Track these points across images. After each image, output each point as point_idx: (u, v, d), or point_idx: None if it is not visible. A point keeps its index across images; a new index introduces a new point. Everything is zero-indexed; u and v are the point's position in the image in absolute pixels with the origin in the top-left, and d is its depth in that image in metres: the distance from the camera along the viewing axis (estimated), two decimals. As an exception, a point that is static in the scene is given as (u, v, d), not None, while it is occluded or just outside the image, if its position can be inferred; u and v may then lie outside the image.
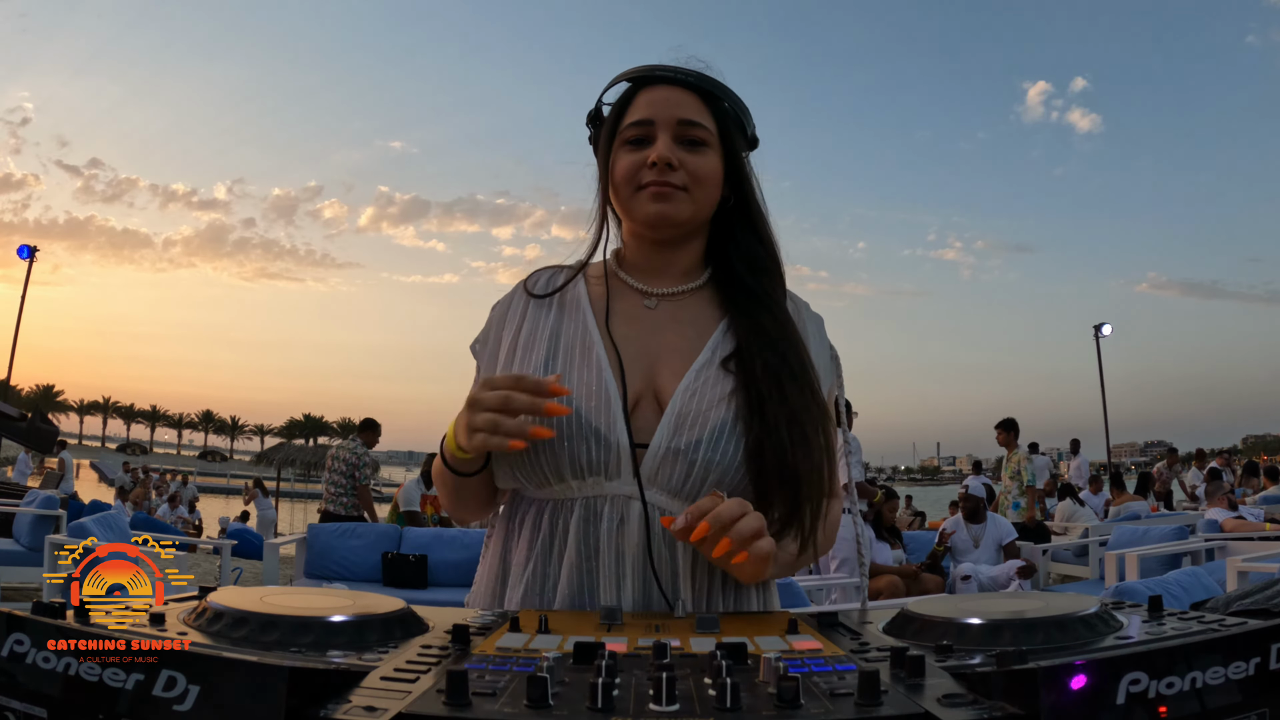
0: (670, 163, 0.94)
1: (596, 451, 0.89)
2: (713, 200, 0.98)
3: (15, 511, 6.04)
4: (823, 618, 0.78)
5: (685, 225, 0.98)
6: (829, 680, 0.54)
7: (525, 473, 0.92)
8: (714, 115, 0.97)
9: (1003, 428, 7.42)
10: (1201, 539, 5.50)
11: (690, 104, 0.96)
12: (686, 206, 0.96)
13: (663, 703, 0.49)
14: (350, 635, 0.67)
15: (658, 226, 0.97)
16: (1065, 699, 0.50)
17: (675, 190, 0.95)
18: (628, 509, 0.89)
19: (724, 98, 0.98)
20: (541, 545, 0.92)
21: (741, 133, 1.00)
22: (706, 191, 0.96)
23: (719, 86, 0.98)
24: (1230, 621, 0.64)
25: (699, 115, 0.96)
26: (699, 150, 0.95)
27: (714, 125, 0.97)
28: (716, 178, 0.97)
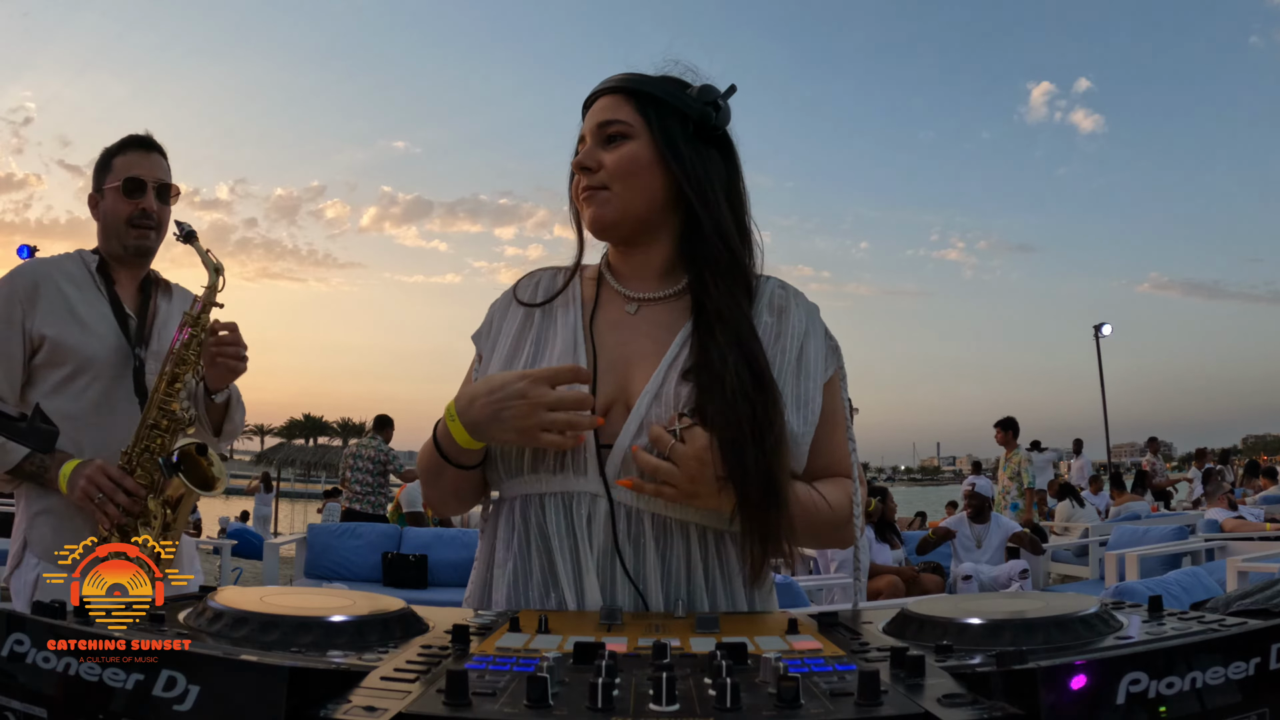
0: (586, 165, 0.97)
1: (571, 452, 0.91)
2: (645, 189, 0.96)
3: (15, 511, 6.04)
4: (823, 618, 0.78)
5: (621, 223, 0.98)
6: (829, 680, 0.54)
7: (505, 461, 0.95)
8: (636, 108, 0.97)
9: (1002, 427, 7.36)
10: (1201, 539, 5.50)
11: (610, 106, 0.98)
12: (612, 203, 0.96)
13: (663, 703, 0.49)
14: (350, 635, 0.67)
15: (595, 230, 0.99)
16: (1065, 699, 0.50)
17: (597, 191, 0.96)
18: (595, 506, 0.91)
19: (644, 87, 0.97)
20: (518, 541, 0.94)
21: (673, 115, 0.96)
22: (630, 183, 0.96)
23: (638, 79, 0.98)
24: (1230, 621, 0.64)
25: (616, 113, 0.97)
26: (616, 144, 0.96)
27: (634, 117, 0.96)
28: (638, 165, 0.95)
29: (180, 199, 1.75)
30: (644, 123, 0.96)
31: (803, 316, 0.99)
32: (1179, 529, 5.72)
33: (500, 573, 0.95)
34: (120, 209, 1.69)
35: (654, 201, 0.97)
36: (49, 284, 1.68)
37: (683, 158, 0.96)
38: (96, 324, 1.67)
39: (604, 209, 0.97)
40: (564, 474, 0.92)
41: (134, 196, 1.69)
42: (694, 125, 0.97)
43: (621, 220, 0.97)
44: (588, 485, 0.91)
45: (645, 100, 0.97)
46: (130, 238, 1.69)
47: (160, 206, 1.72)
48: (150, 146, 1.75)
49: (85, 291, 1.70)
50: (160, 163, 1.75)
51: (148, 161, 1.73)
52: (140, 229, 1.69)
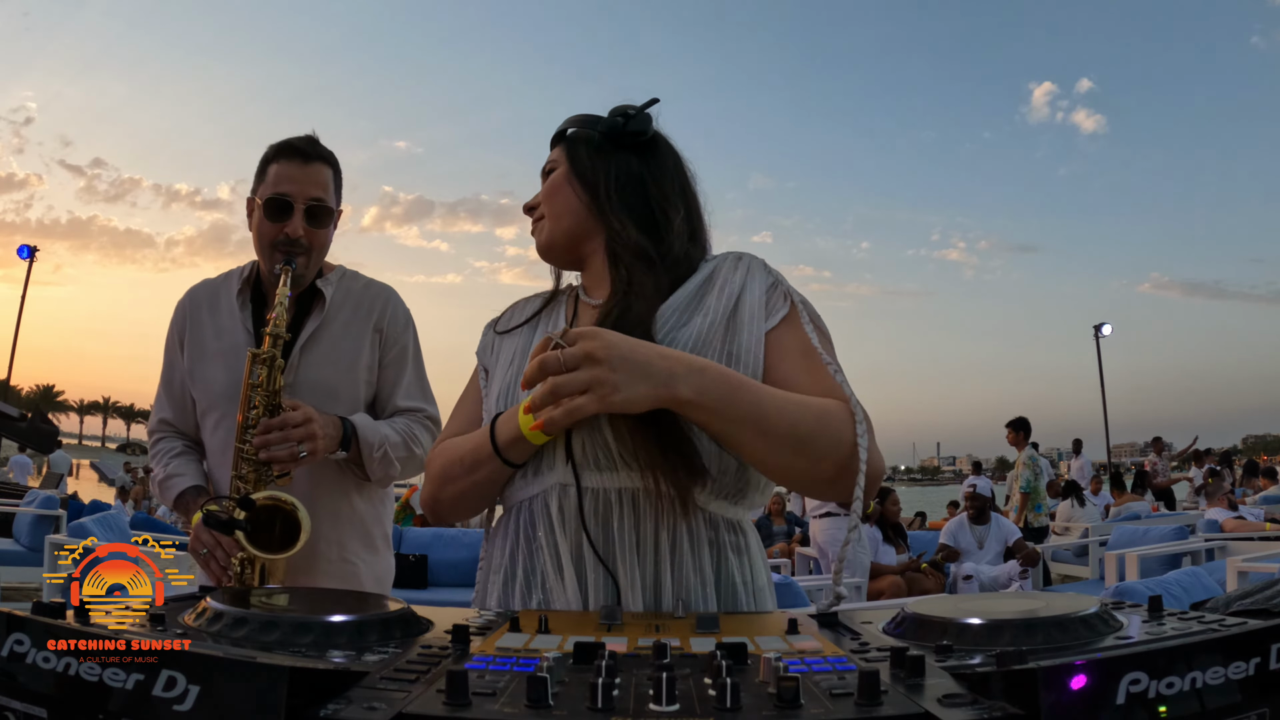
0: (529, 206, 1.11)
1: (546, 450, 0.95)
2: (564, 207, 1.06)
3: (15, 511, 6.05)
4: (823, 618, 0.78)
5: (553, 242, 1.08)
6: (829, 680, 0.54)
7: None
8: (563, 147, 1.09)
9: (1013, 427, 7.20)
10: (1201, 539, 5.50)
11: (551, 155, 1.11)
12: (544, 228, 1.08)
13: (663, 703, 0.49)
14: (350, 635, 0.67)
15: (542, 255, 1.11)
16: (1065, 699, 0.50)
17: (536, 222, 1.10)
18: (565, 495, 0.94)
19: (564, 127, 1.10)
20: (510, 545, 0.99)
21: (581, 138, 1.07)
22: (552, 204, 1.07)
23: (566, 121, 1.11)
24: (1230, 621, 0.64)
25: (551, 157, 1.10)
26: (549, 178, 1.09)
27: (559, 153, 1.09)
28: (556, 187, 1.07)
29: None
30: (566, 153, 1.08)
31: (739, 274, 1.00)
32: (1179, 529, 5.72)
33: (495, 577, 1.00)
34: (264, 230, 1.50)
35: (574, 215, 1.06)
36: (196, 312, 1.61)
37: (584, 167, 1.05)
38: (228, 356, 1.53)
39: (540, 235, 1.09)
40: (540, 475, 0.96)
41: (278, 219, 1.48)
42: (600, 138, 1.06)
43: (553, 240, 1.08)
44: (557, 477, 0.94)
45: (564, 137, 1.10)
46: (275, 262, 1.49)
47: (311, 230, 1.50)
48: (310, 155, 1.52)
49: (226, 317, 1.57)
50: (319, 175, 1.52)
51: (303, 174, 1.50)
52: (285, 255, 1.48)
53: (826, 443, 0.86)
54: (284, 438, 1.39)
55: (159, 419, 1.64)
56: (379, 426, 1.54)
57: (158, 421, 1.64)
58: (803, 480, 0.92)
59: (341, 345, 1.56)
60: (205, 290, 1.64)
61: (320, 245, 1.54)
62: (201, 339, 1.59)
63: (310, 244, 1.51)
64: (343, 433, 1.48)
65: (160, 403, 1.64)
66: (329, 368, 1.55)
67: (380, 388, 1.62)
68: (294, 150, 1.52)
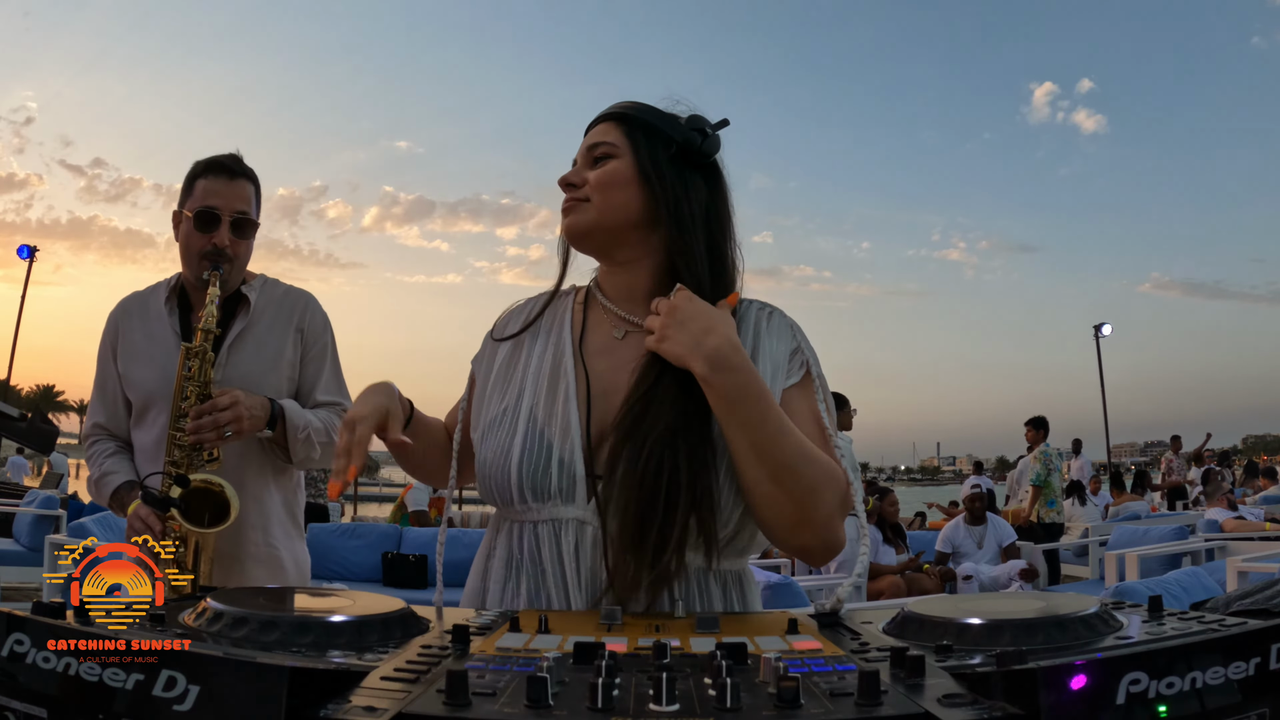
0: (571, 181, 1.02)
1: (558, 477, 0.94)
2: (622, 203, 1.00)
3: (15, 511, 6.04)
4: (823, 618, 0.78)
5: (594, 231, 1.01)
6: (829, 680, 0.54)
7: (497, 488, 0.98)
8: (624, 132, 1.02)
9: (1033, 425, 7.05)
10: (1201, 539, 5.50)
11: (601, 130, 1.04)
12: (588, 213, 1.01)
13: (663, 703, 0.49)
14: (350, 635, 0.67)
15: (570, 238, 1.04)
16: (1065, 699, 0.50)
17: (578, 203, 1.01)
18: (582, 533, 0.93)
19: (633, 113, 1.03)
20: (513, 565, 0.97)
21: (657, 138, 1.01)
22: (608, 195, 1.00)
23: (630, 106, 1.05)
24: (1230, 621, 0.64)
25: (604, 136, 1.03)
26: (602, 163, 1.01)
27: (621, 139, 1.02)
28: (618, 180, 1.00)
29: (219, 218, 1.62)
30: (629, 144, 1.01)
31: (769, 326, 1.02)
32: (1179, 529, 5.72)
33: (495, 588, 0.99)
34: (192, 241, 1.62)
35: (629, 216, 1.00)
36: (127, 320, 1.72)
37: (661, 177, 0.99)
38: (160, 356, 1.65)
39: (580, 216, 1.01)
40: (552, 502, 0.95)
41: (206, 230, 1.60)
42: (678, 149, 1.00)
43: (595, 228, 1.01)
44: (575, 513, 0.94)
45: (633, 124, 1.02)
46: (202, 270, 1.61)
47: (235, 241, 1.63)
48: (235, 172, 1.64)
49: (156, 323, 1.69)
50: (243, 190, 1.64)
51: (229, 190, 1.62)
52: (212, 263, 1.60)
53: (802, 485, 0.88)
54: (213, 421, 1.51)
55: (93, 423, 1.75)
56: (304, 412, 1.67)
57: (92, 425, 1.75)
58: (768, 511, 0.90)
59: (266, 344, 1.69)
60: (135, 300, 1.75)
61: (243, 254, 1.68)
62: (133, 343, 1.71)
63: (235, 253, 1.64)
64: (270, 413, 1.60)
65: (94, 408, 1.76)
66: (254, 364, 1.67)
67: (301, 383, 1.74)
68: (220, 167, 1.64)
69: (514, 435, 0.97)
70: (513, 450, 0.96)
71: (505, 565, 0.98)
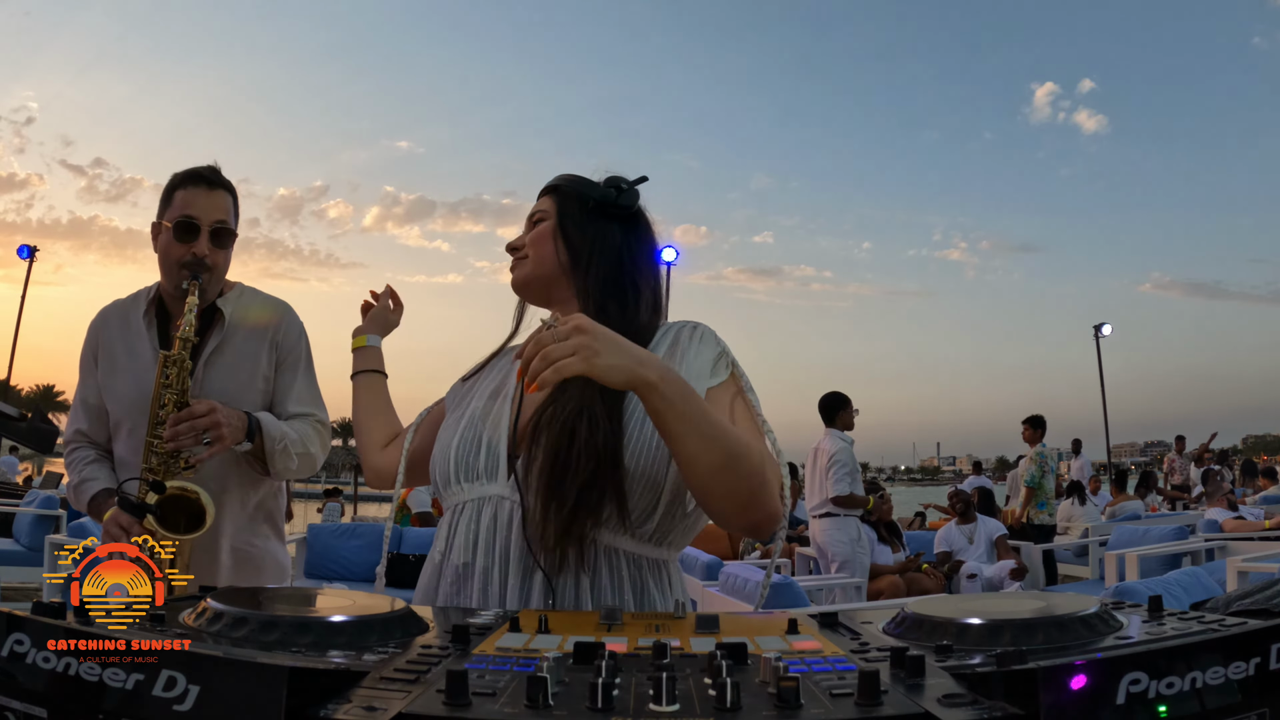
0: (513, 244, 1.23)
1: (485, 459, 1.09)
2: (547, 254, 1.18)
3: (15, 511, 6.04)
4: (823, 618, 0.78)
5: (530, 280, 1.20)
6: (829, 680, 0.54)
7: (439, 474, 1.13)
8: (554, 199, 1.21)
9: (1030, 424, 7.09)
10: (1201, 539, 5.50)
11: (538, 204, 1.23)
12: (525, 266, 1.20)
13: (663, 703, 0.49)
14: (350, 635, 0.67)
15: (515, 289, 1.23)
16: (1065, 699, 0.50)
17: (519, 260, 1.21)
18: (501, 508, 1.05)
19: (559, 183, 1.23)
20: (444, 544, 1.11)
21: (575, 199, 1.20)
22: (538, 249, 1.19)
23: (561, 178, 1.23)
24: (1230, 621, 0.64)
25: (541, 205, 1.23)
26: (536, 226, 1.21)
27: (550, 205, 1.21)
28: (543, 236, 1.19)
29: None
30: (555, 207, 1.20)
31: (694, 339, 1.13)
32: (1179, 529, 5.71)
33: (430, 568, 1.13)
34: (172, 250, 1.63)
35: (553, 264, 1.18)
36: (106, 331, 1.73)
37: (578, 228, 1.18)
38: (138, 371, 1.66)
39: (520, 270, 1.21)
40: (479, 482, 1.09)
41: (185, 239, 1.62)
42: (595, 204, 1.19)
43: (531, 278, 1.20)
44: (497, 490, 1.07)
45: (561, 191, 1.22)
46: (181, 279, 1.63)
47: (214, 250, 1.64)
48: (214, 183, 1.67)
49: (135, 337, 1.70)
50: (221, 202, 1.67)
51: (207, 200, 1.65)
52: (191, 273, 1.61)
53: (749, 466, 0.96)
54: (190, 428, 1.52)
55: (74, 430, 1.76)
56: (280, 424, 1.69)
57: (73, 432, 1.76)
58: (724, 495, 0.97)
59: (241, 359, 1.71)
60: (115, 311, 1.76)
61: (222, 264, 1.69)
62: (113, 355, 1.72)
63: (214, 263, 1.65)
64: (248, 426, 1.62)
65: (75, 414, 1.77)
66: (230, 380, 1.69)
67: (275, 393, 1.76)
68: (199, 178, 1.66)
69: (455, 430, 1.14)
70: (452, 441, 1.12)
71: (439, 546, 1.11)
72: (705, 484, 0.96)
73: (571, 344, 0.89)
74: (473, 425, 1.13)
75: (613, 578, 1.03)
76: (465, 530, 1.07)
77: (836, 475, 4.93)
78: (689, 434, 0.92)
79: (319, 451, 1.75)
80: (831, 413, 5.16)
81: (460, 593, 1.06)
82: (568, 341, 0.89)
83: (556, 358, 0.88)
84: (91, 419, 1.74)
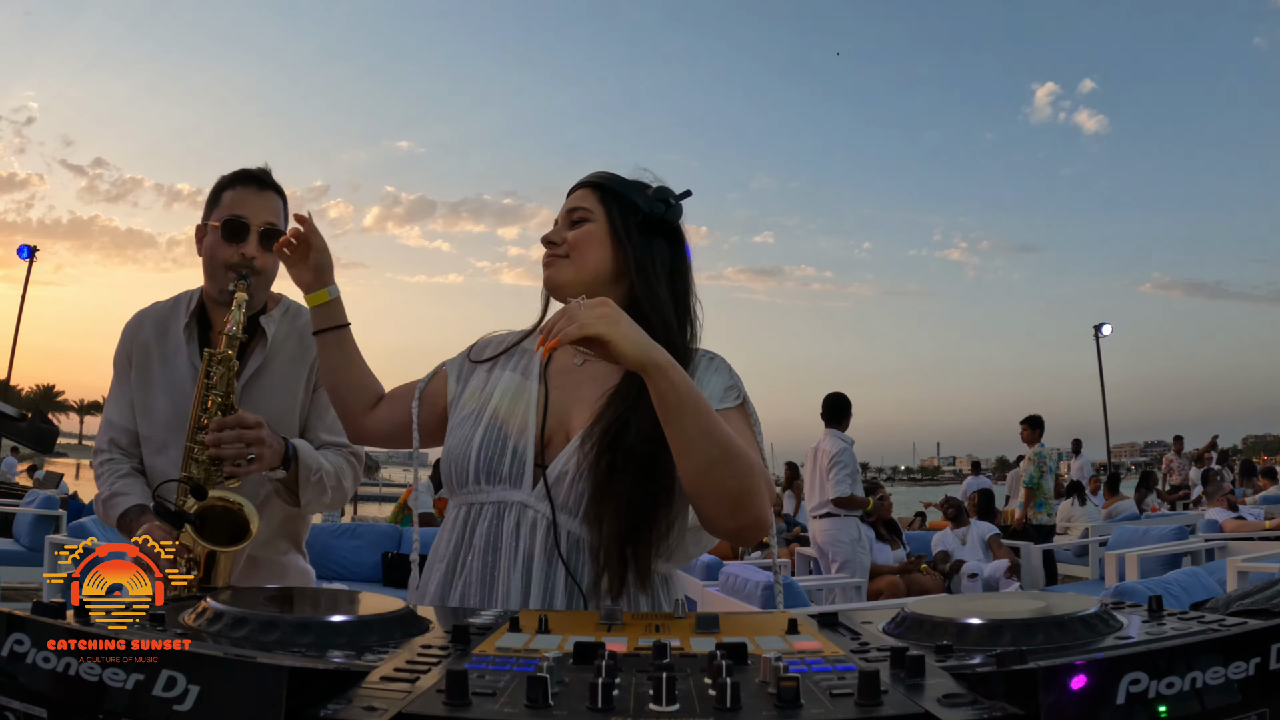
0: (551, 239, 1.18)
1: (510, 464, 1.08)
2: (595, 260, 1.15)
3: (15, 511, 6.04)
4: (823, 618, 0.78)
5: (571, 284, 1.15)
6: (829, 680, 0.54)
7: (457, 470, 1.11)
8: (599, 198, 1.18)
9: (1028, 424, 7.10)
10: (1201, 539, 5.50)
11: (578, 197, 1.19)
12: (566, 268, 1.16)
13: (663, 703, 0.49)
14: (350, 635, 0.67)
15: (550, 289, 1.19)
16: (1065, 699, 0.50)
17: (557, 258, 1.17)
18: (523, 515, 1.06)
19: (608, 183, 1.19)
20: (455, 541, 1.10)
21: (627, 205, 1.16)
22: (584, 253, 1.15)
23: (606, 177, 1.20)
24: (1230, 621, 0.64)
25: (582, 201, 1.18)
26: (579, 226, 1.17)
27: (596, 205, 1.17)
28: (592, 240, 1.15)
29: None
30: (603, 210, 1.17)
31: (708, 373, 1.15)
32: (1179, 529, 5.71)
33: (439, 566, 1.10)
34: (218, 252, 1.55)
35: (601, 272, 1.15)
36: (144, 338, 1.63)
37: (629, 239, 1.15)
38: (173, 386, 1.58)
39: (560, 272, 1.16)
40: (501, 486, 1.08)
41: (234, 240, 1.53)
42: (644, 216, 1.16)
43: (572, 281, 1.15)
44: (520, 497, 1.07)
45: (607, 192, 1.18)
46: (227, 282, 1.52)
47: (263, 253, 1.54)
48: (264, 184, 1.58)
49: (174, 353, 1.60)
50: (272, 203, 1.58)
51: (258, 201, 1.56)
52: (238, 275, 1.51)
53: (742, 466, 0.98)
54: (237, 436, 1.40)
55: (108, 438, 1.66)
56: (316, 454, 1.58)
57: (107, 441, 1.66)
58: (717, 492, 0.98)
59: (282, 381, 1.61)
60: (153, 316, 1.67)
61: (271, 268, 1.59)
62: (148, 366, 1.62)
63: (262, 265, 1.56)
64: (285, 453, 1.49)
65: (109, 423, 1.66)
66: (270, 404, 1.58)
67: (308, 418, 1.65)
68: (250, 178, 1.59)
69: (477, 428, 1.11)
70: (474, 439, 1.10)
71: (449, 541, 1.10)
72: (701, 478, 0.97)
73: (597, 311, 0.93)
74: (495, 425, 1.11)
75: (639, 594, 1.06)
76: (485, 532, 1.06)
77: (837, 476, 4.93)
78: (690, 423, 0.94)
79: (351, 486, 1.63)
80: (837, 413, 5.15)
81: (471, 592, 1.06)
82: (594, 309, 0.93)
83: (581, 319, 0.92)
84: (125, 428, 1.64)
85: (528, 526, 1.05)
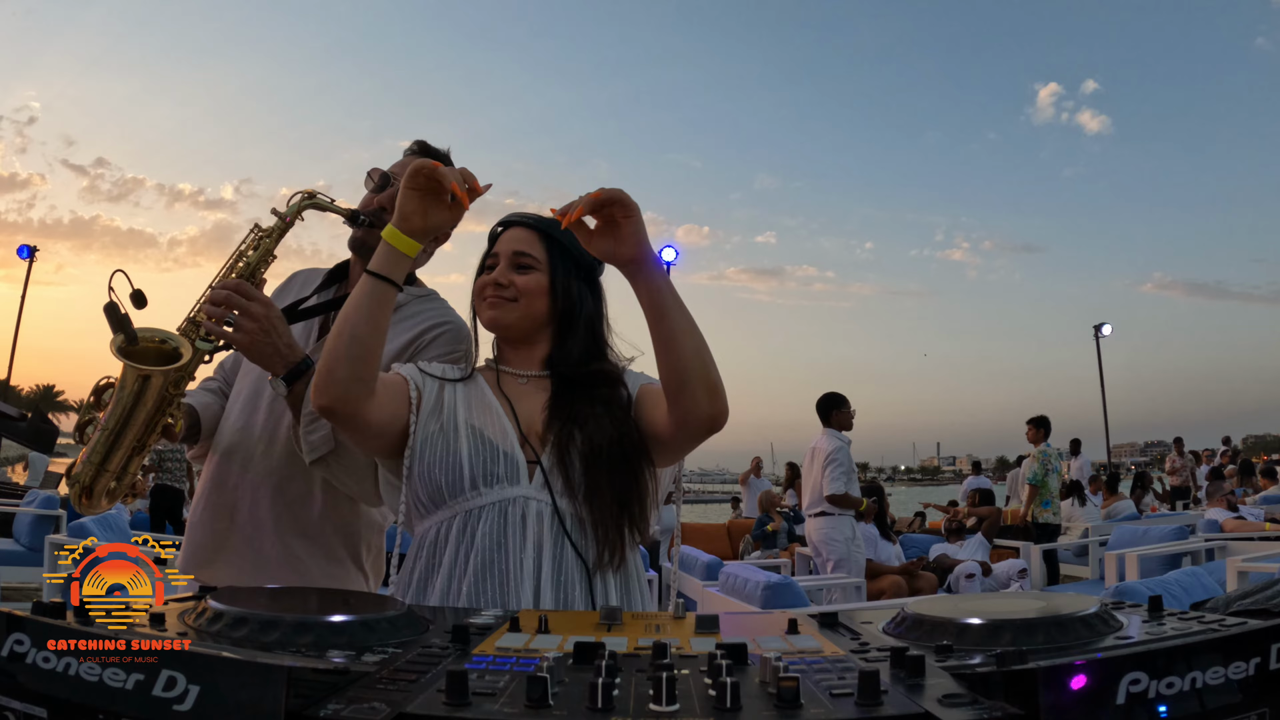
0: (500, 281, 1.24)
1: (504, 465, 1.15)
2: (538, 307, 1.25)
3: (15, 511, 6.04)
4: (823, 618, 0.78)
5: (516, 326, 1.25)
6: (829, 680, 0.54)
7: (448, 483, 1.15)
8: (544, 246, 1.26)
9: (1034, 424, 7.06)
10: (1201, 539, 5.49)
11: (526, 239, 1.26)
12: (513, 312, 1.24)
13: (663, 703, 0.49)
14: (350, 635, 0.67)
15: (494, 326, 1.27)
16: (1065, 699, 0.50)
17: (504, 301, 1.24)
18: (527, 507, 1.13)
19: (552, 231, 1.26)
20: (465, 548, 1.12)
21: (567, 257, 1.26)
22: (530, 301, 1.24)
23: (547, 222, 1.26)
24: (1230, 621, 0.64)
25: (530, 247, 1.26)
26: (526, 272, 1.25)
27: (542, 254, 1.26)
28: (539, 290, 1.25)
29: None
30: (548, 261, 1.26)
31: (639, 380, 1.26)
32: (1179, 529, 5.71)
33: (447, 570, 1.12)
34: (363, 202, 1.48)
35: (541, 316, 1.26)
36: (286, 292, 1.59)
37: (567, 292, 1.26)
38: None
39: (506, 313, 1.24)
40: (500, 485, 1.14)
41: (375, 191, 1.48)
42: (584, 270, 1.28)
43: (517, 325, 1.26)
44: (520, 491, 1.14)
45: (553, 243, 1.26)
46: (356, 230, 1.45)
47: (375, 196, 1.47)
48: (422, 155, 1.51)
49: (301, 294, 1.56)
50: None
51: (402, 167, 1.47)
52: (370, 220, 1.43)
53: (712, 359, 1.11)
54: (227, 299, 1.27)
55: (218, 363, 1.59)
56: None
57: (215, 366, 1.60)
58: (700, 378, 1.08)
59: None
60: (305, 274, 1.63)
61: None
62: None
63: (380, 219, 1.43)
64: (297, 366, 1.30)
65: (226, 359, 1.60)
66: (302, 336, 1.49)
67: None
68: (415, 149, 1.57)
69: (458, 440, 1.16)
70: (460, 451, 1.15)
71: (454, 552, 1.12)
72: (689, 364, 1.07)
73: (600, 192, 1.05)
74: (478, 434, 1.17)
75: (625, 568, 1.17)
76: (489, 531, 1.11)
77: (832, 474, 4.93)
78: (679, 313, 1.08)
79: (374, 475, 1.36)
80: (828, 412, 5.16)
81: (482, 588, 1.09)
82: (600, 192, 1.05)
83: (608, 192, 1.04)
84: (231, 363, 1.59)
85: (533, 516, 1.13)
